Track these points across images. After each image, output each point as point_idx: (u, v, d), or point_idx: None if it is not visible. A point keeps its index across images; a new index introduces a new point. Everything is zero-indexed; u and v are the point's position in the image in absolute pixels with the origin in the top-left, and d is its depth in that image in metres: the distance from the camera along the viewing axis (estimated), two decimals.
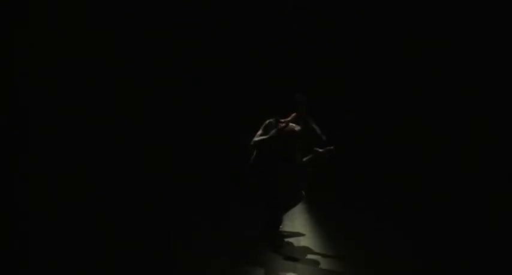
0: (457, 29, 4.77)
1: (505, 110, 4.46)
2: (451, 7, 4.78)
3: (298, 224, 3.56)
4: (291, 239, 3.17)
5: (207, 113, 5.39)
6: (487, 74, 4.60)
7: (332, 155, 3.05)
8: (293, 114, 3.03)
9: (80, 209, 3.76)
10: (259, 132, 3.07)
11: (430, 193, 4.42)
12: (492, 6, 4.49)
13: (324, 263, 2.67)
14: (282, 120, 3.04)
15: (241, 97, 5.22)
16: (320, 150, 3.06)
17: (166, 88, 5.23)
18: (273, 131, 2.98)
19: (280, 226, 3.24)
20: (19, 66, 3.83)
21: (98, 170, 4.47)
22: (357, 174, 5.18)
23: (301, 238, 3.21)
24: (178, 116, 5.30)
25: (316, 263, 2.69)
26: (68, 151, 4.27)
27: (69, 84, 4.34)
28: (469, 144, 4.67)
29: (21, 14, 3.83)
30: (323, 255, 2.82)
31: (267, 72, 5.28)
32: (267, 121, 3.11)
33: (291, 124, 3.00)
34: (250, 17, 5.38)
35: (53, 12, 4.14)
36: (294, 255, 2.85)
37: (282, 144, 3.01)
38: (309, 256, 2.82)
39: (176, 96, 5.29)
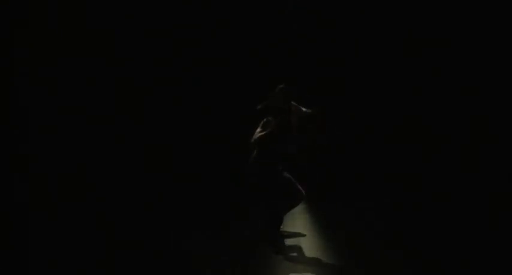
0: (457, 29, 4.77)
1: (505, 110, 4.46)
2: (451, 7, 4.78)
3: (298, 224, 3.56)
4: (291, 239, 3.18)
5: (207, 113, 5.39)
6: (487, 74, 4.60)
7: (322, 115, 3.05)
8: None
9: (80, 209, 3.77)
10: (258, 129, 3.08)
11: (430, 193, 4.42)
12: (492, 6, 4.49)
13: (324, 264, 2.67)
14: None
15: (241, 97, 5.22)
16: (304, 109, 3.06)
17: (166, 88, 5.23)
18: (270, 127, 2.99)
19: (281, 226, 3.24)
20: (19, 66, 3.83)
21: (98, 170, 4.47)
22: (357, 174, 5.18)
23: (301, 238, 3.21)
24: (178, 116, 5.30)
25: (316, 263, 2.69)
26: (68, 151, 4.27)
27: (69, 84, 4.34)
28: (469, 144, 4.67)
29: (21, 14, 3.83)
30: (323, 255, 2.82)
31: (267, 72, 5.28)
32: (265, 119, 3.12)
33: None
34: (250, 17, 5.38)
35: (53, 12, 4.14)
36: (294, 255, 2.85)
37: (281, 140, 3.02)
38: (309, 256, 2.82)
39: (176, 96, 5.29)
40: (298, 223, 3.61)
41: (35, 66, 3.98)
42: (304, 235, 3.27)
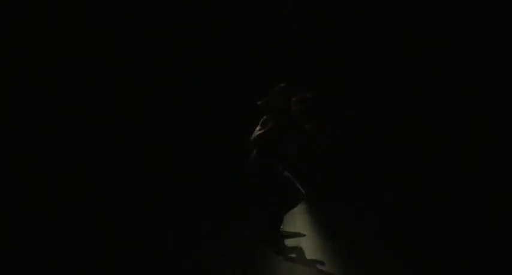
0: (457, 29, 4.77)
1: (505, 110, 4.45)
2: (451, 7, 4.77)
3: (298, 224, 3.56)
4: (291, 240, 3.18)
5: (207, 113, 5.39)
6: (487, 74, 4.60)
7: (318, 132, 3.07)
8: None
9: (80, 209, 3.77)
10: (258, 128, 3.08)
11: (430, 193, 4.42)
12: (492, 6, 4.48)
13: (324, 264, 2.67)
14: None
15: (241, 97, 5.22)
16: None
17: (166, 88, 5.23)
18: (270, 124, 3.00)
19: (281, 226, 3.24)
20: (19, 66, 3.83)
21: (98, 170, 4.47)
22: (357, 174, 5.18)
23: (301, 238, 3.21)
24: (178, 116, 5.30)
25: (316, 263, 2.69)
26: (68, 151, 4.27)
27: (69, 84, 4.34)
28: (469, 144, 4.67)
29: (21, 14, 3.83)
30: (323, 255, 2.82)
31: (267, 72, 5.28)
32: (264, 117, 3.12)
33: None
34: (250, 17, 5.38)
35: (53, 12, 4.14)
36: (294, 255, 2.85)
37: (281, 140, 3.02)
38: (309, 256, 2.82)
39: (176, 96, 5.29)
40: (298, 223, 3.61)
41: (35, 66, 3.97)
42: (304, 235, 3.27)
